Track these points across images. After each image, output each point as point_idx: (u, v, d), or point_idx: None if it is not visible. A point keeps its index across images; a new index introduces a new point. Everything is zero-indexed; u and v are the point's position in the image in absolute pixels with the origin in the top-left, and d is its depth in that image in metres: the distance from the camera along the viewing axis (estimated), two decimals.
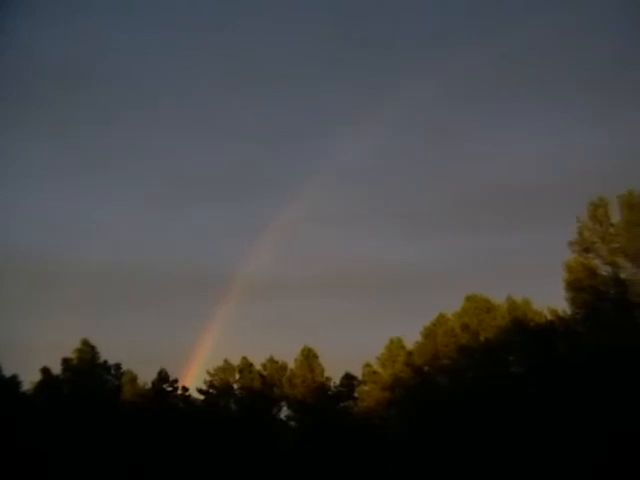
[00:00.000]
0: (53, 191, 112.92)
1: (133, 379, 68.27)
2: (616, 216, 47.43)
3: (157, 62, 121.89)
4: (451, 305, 58.63)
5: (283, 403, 67.19)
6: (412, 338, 60.30)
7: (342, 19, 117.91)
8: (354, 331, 78.24)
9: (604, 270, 47.51)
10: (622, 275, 47.06)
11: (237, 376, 68.76)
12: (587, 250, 47.72)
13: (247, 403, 67.09)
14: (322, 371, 66.65)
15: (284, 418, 67.39)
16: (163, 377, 67.88)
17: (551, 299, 52.24)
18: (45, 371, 65.15)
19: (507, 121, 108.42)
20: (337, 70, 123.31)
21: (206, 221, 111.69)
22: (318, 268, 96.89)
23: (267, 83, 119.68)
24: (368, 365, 63.56)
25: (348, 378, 65.85)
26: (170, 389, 68.12)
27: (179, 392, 68.34)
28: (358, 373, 65.15)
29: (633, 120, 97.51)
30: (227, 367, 68.98)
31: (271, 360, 68.53)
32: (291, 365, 67.71)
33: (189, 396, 69.08)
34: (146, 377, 68.51)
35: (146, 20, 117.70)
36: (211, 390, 68.65)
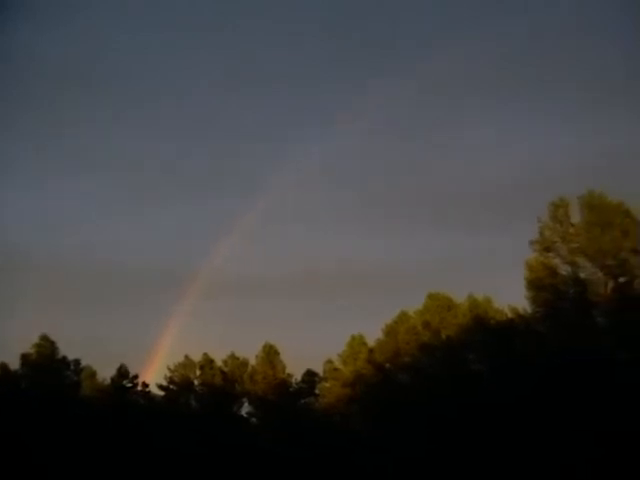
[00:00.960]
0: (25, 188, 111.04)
1: (92, 375, 67.74)
2: (577, 216, 48.03)
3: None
4: (413, 303, 58.85)
5: (244, 399, 67.13)
6: (374, 335, 60.53)
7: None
8: (316, 328, 78.50)
9: (564, 269, 48.11)
10: (581, 275, 47.68)
11: (198, 372, 68.54)
12: (548, 249, 48.25)
13: (208, 399, 66.93)
14: (283, 368, 66.69)
15: (245, 415, 67.35)
16: (123, 373, 67.47)
17: (512, 297, 52.64)
18: (3, 367, 64.40)
19: (481, 119, 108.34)
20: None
21: (174, 218, 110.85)
22: (282, 266, 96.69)
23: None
24: (329, 362, 63.73)
25: (309, 375, 66.00)
26: (130, 385, 67.72)
27: (139, 388, 67.94)
28: (320, 370, 65.40)
29: (597, 122, 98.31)
30: (188, 363, 68.71)
31: (232, 356, 68.41)
32: (252, 362, 67.70)
33: (149, 392, 68.71)
34: (106, 373, 68.09)
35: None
36: (171, 386, 68.32)
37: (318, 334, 76.12)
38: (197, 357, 68.44)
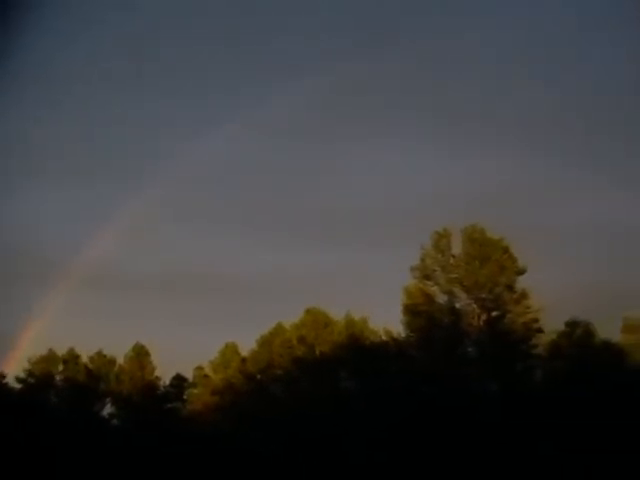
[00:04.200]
0: None
1: None
2: (458, 247, 49.50)
3: None
4: (291, 316, 59.18)
5: (108, 399, 65.58)
6: (249, 345, 60.53)
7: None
8: (191, 332, 77.28)
9: (441, 298, 49.53)
10: (457, 305, 49.21)
11: (61, 367, 66.48)
12: (427, 277, 49.54)
13: (69, 396, 65.00)
14: (153, 370, 65.61)
15: (107, 415, 65.78)
16: None
17: (389, 320, 53.64)
18: None
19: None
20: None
21: (47, 205, 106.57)
22: (160, 265, 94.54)
23: None
24: (200, 368, 63.31)
25: (178, 379, 65.22)
26: None
27: None
28: (190, 375, 64.75)
29: (486, 157, 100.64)
30: (51, 357, 66.54)
31: (99, 354, 66.65)
32: (121, 361, 66.21)
33: (6, 384, 66.05)
34: None
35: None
36: (30, 379, 65.89)
37: (191, 338, 75.12)
38: (62, 351, 66.28)
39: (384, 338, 53.85)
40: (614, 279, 67.01)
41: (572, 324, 51.25)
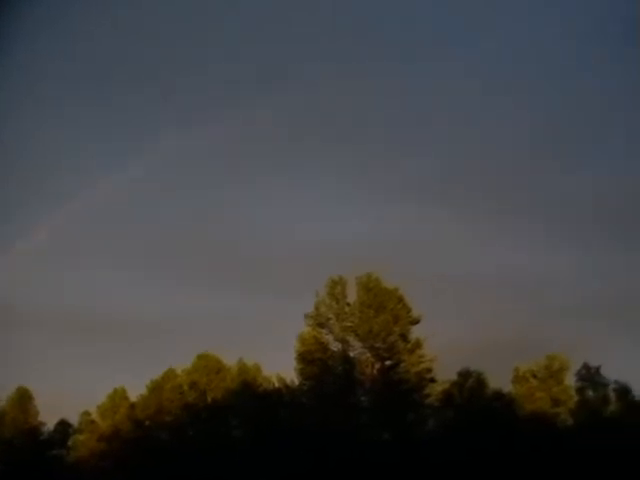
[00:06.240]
0: None
1: None
2: (353, 296, 49.23)
3: None
4: (183, 361, 57.80)
5: None
6: (139, 390, 58.68)
7: None
8: (79, 376, 74.33)
9: (335, 346, 49.09)
10: (351, 353, 48.85)
11: None
12: (322, 325, 49.09)
13: None
14: (36, 414, 63.13)
15: None
16: None
17: (282, 367, 52.86)
18: None
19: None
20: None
21: None
22: (52, 306, 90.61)
23: None
24: (87, 413, 61.10)
25: (63, 424, 62.86)
26: None
27: None
28: (75, 421, 62.41)
29: (388, 209, 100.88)
30: None
31: None
32: (3, 404, 63.40)
33: None
34: None
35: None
36: None
37: (79, 382, 72.47)
38: None
39: (277, 385, 53.05)
40: (505, 331, 68.17)
41: (464, 374, 51.68)
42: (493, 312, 73.65)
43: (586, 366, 52.10)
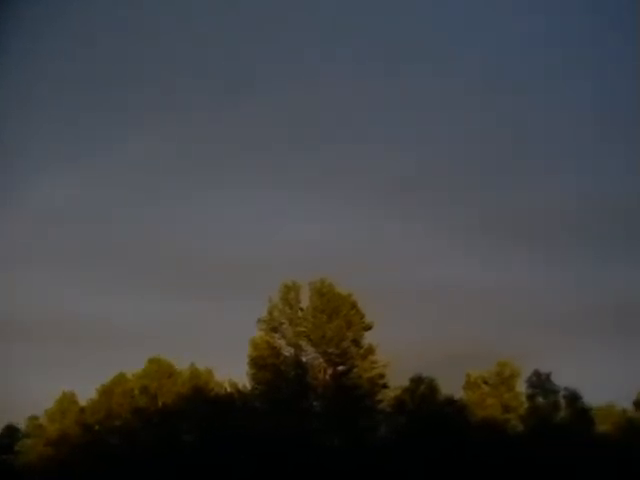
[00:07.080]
0: None
1: None
2: (306, 301, 49.05)
3: None
4: (134, 365, 57.06)
5: None
6: (89, 394, 57.81)
7: None
8: (26, 380, 72.92)
9: (287, 351, 48.85)
10: (303, 358, 48.65)
11: None
12: (274, 330, 48.84)
13: None
14: None
15: None
16: None
17: (234, 372, 52.46)
18: None
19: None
20: None
21: None
22: (3, 308, 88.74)
23: None
24: (34, 418, 60.05)
25: (10, 429, 61.75)
26: None
27: None
28: (22, 425, 61.32)
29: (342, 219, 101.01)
30: None
31: None
32: None
33: None
34: None
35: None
36: None
37: (26, 386, 71.16)
38: None
39: (229, 390, 52.64)
40: (457, 338, 68.63)
41: (416, 380, 51.80)
42: (445, 319, 74.24)
43: (537, 373, 52.56)
